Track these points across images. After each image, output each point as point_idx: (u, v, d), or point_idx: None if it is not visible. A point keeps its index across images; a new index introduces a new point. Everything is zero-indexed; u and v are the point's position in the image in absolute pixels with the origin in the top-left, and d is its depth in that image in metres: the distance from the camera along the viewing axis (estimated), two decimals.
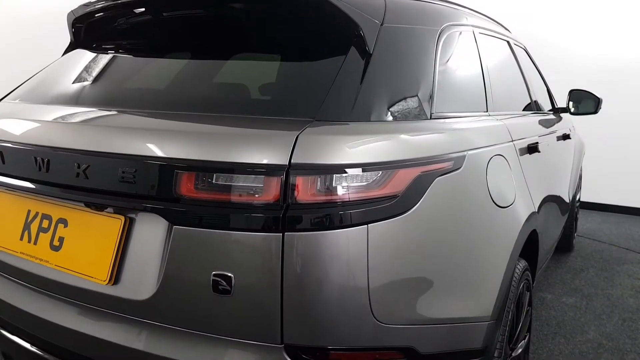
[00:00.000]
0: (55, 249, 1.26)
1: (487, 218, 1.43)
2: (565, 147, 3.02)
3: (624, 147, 5.59)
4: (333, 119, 1.15)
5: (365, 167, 1.09)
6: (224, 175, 1.05)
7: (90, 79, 1.53)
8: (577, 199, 4.12)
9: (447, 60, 1.58)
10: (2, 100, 1.61)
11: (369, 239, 1.08)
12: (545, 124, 2.62)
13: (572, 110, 3.23)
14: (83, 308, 1.22)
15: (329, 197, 1.05)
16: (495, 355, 1.46)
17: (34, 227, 1.31)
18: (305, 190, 1.03)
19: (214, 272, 1.05)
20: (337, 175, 1.05)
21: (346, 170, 1.06)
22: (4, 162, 1.32)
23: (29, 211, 1.33)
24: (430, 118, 1.38)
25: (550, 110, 3.08)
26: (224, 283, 1.05)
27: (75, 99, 1.49)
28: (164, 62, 1.53)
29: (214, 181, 1.05)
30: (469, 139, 1.46)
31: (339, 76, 1.20)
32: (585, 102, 3.21)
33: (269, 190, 1.03)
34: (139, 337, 1.14)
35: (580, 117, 4.34)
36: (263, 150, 1.05)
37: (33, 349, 1.31)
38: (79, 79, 1.55)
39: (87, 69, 1.57)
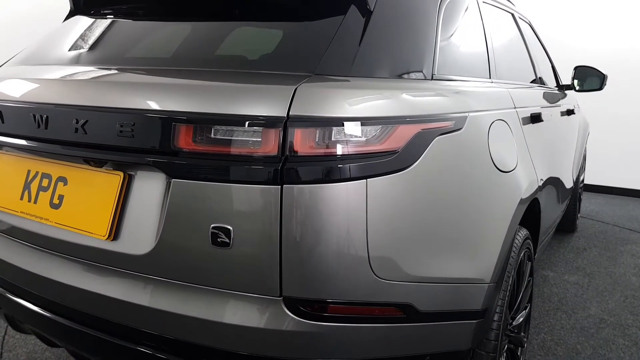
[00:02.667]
0: (55, 206, 1.26)
1: (487, 180, 1.42)
2: (569, 123, 2.99)
3: (628, 129, 5.55)
4: (332, 74, 1.14)
5: (365, 121, 1.08)
6: (222, 127, 1.04)
7: (89, 41, 1.52)
8: (581, 179, 4.10)
9: (450, 24, 1.56)
10: (2, 66, 1.61)
11: (368, 194, 1.07)
12: (550, 97, 2.60)
13: (577, 87, 3.20)
14: (83, 265, 1.22)
15: (327, 150, 1.04)
16: (495, 319, 1.46)
17: (34, 186, 1.31)
18: (304, 142, 1.03)
19: (212, 225, 1.05)
20: (335, 128, 1.05)
21: (345, 123, 1.05)
22: (3, 122, 1.32)
23: (28, 171, 1.33)
24: (432, 79, 1.37)
25: (555, 87, 3.06)
26: (223, 236, 1.05)
27: (74, 60, 1.48)
28: (162, 22, 1.51)
29: (212, 134, 1.05)
30: (470, 101, 1.45)
31: (339, 32, 1.18)
32: (590, 79, 3.18)
33: (268, 143, 1.02)
34: (139, 292, 1.15)
35: (586, 100, 4.30)
36: (261, 103, 1.04)
37: (34, 308, 1.32)
38: (78, 42, 1.54)
39: (85, 32, 1.56)
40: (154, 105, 1.10)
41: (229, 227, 1.04)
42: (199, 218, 1.06)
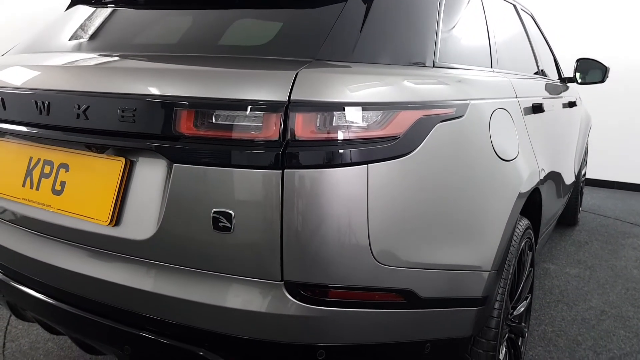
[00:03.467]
0: (57, 193, 1.26)
1: (488, 168, 1.42)
2: (571, 115, 2.99)
3: (630, 124, 5.54)
4: (333, 59, 1.14)
5: (366, 106, 1.08)
6: (223, 112, 1.04)
7: (91, 29, 1.52)
8: (582, 173, 4.10)
9: (452, 13, 1.55)
10: (5, 55, 1.61)
11: (369, 179, 1.07)
12: (552, 89, 2.60)
13: (579, 80, 3.19)
14: (85, 250, 1.23)
15: (328, 135, 1.04)
16: (496, 307, 1.47)
17: (35, 173, 1.31)
18: (305, 127, 1.03)
19: (214, 210, 1.05)
20: (336, 113, 1.05)
21: (346, 108, 1.05)
22: (5, 108, 1.32)
23: (30, 158, 1.33)
24: (433, 66, 1.37)
25: (557, 80, 3.05)
26: (224, 220, 1.05)
27: (75, 47, 1.48)
28: (162, 9, 1.51)
29: (213, 118, 1.05)
30: (472, 88, 1.45)
31: (341, 17, 1.18)
32: (592, 72, 3.17)
33: (269, 127, 1.03)
34: (141, 277, 1.15)
35: (588, 95, 4.29)
36: (263, 87, 1.04)
37: (37, 295, 1.32)
38: (79, 30, 1.54)
39: (87, 20, 1.56)
40: (155, 90, 1.10)
41: (230, 211, 1.05)
42: (200, 203, 1.07)
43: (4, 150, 1.41)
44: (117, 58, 1.31)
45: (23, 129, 1.30)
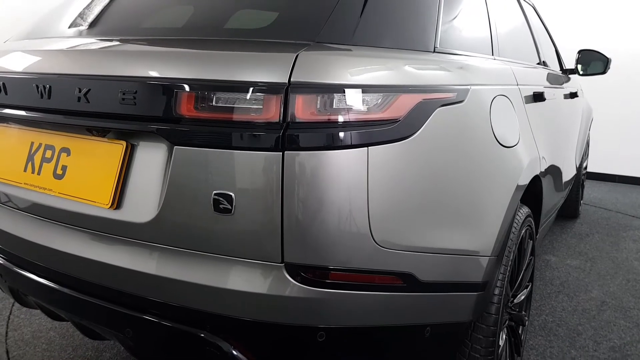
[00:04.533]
0: (59, 177, 1.27)
1: (489, 154, 1.42)
2: (572, 106, 2.98)
3: (632, 117, 5.52)
4: (334, 42, 1.14)
5: (366, 88, 1.08)
6: (223, 93, 1.04)
7: (91, 14, 1.52)
8: (584, 165, 4.09)
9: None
10: (6, 42, 1.61)
11: (369, 162, 1.07)
12: (553, 79, 2.59)
13: (581, 71, 3.19)
14: (87, 234, 1.23)
15: (328, 117, 1.04)
16: (496, 293, 1.47)
17: (37, 158, 1.32)
18: (305, 108, 1.03)
19: (214, 192, 1.06)
20: (337, 95, 1.05)
21: (346, 90, 1.05)
22: (6, 93, 1.32)
23: (32, 143, 1.34)
24: (434, 51, 1.37)
25: (558, 71, 3.04)
26: (225, 202, 1.05)
27: (76, 32, 1.48)
28: None
29: (213, 100, 1.05)
30: (473, 74, 1.44)
31: (341, 0, 1.18)
32: (593, 63, 3.17)
33: (269, 109, 1.03)
34: (142, 260, 1.16)
35: (589, 88, 4.29)
36: (263, 69, 1.04)
37: (39, 279, 1.33)
38: (79, 16, 1.54)
39: (87, 6, 1.56)
40: (155, 72, 1.11)
41: (230, 193, 1.05)
42: (200, 185, 1.07)
43: (5, 135, 1.42)
44: (117, 42, 1.31)
45: (24, 113, 1.30)
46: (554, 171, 2.28)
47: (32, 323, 2.34)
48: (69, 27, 1.51)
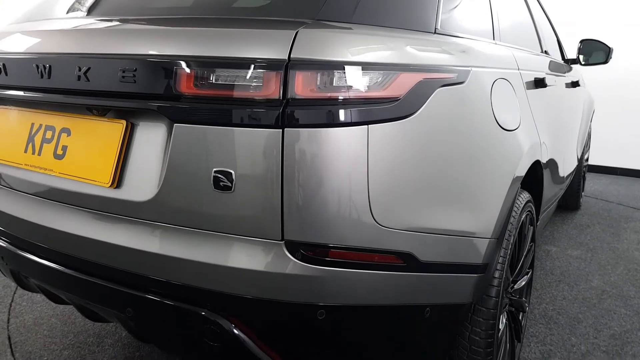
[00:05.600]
0: (59, 157, 1.27)
1: (489, 136, 1.42)
2: (574, 95, 2.98)
3: (634, 111, 5.51)
4: (334, 20, 1.14)
5: (366, 66, 1.08)
6: (223, 70, 1.04)
7: None
8: (585, 157, 4.09)
9: None
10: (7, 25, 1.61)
11: (369, 140, 1.07)
12: (555, 67, 2.58)
13: (583, 61, 3.18)
14: (87, 213, 1.24)
15: (329, 94, 1.04)
16: (496, 276, 1.47)
17: (37, 138, 1.32)
18: (305, 85, 1.03)
19: (214, 169, 1.06)
20: (337, 72, 1.05)
21: (346, 67, 1.05)
22: (7, 74, 1.32)
23: (32, 124, 1.34)
24: (435, 32, 1.36)
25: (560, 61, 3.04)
26: (225, 179, 1.05)
27: (76, 12, 1.48)
28: None
29: (213, 77, 1.05)
30: (474, 56, 1.44)
31: None
32: (595, 53, 3.16)
33: (269, 86, 1.03)
34: (144, 238, 1.16)
35: (592, 82, 4.27)
36: (263, 45, 1.04)
37: (40, 260, 1.33)
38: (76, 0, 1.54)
39: None
40: (155, 50, 1.11)
41: (230, 170, 1.05)
42: (201, 162, 1.07)
43: (6, 117, 1.42)
44: (117, 21, 1.31)
45: (25, 94, 1.30)
46: (555, 158, 2.27)
47: (34, 310, 2.35)
48: (69, 9, 1.51)
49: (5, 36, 1.40)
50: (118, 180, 1.18)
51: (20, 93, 1.31)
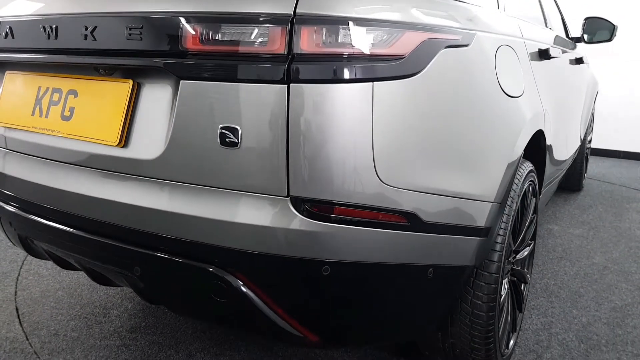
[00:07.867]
0: (66, 118, 1.28)
1: (493, 101, 1.43)
2: (578, 71, 2.97)
3: (638, 94, 5.49)
4: None
5: (372, 23, 1.08)
6: (228, 26, 1.05)
7: None
8: (588, 139, 4.09)
9: None
10: None
11: (374, 97, 1.08)
12: (560, 42, 2.57)
13: (587, 40, 3.17)
14: (95, 173, 1.25)
15: (334, 50, 1.05)
16: (499, 241, 1.48)
17: (44, 101, 1.33)
18: (311, 41, 1.03)
19: (221, 125, 1.07)
20: (342, 28, 1.05)
21: (352, 23, 1.05)
22: (13, 37, 1.33)
23: (39, 87, 1.35)
24: None
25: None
26: (231, 135, 1.06)
27: None
28: None
29: (218, 32, 1.05)
30: (478, 20, 1.44)
31: None
32: (600, 32, 3.15)
33: (274, 41, 1.03)
34: (152, 196, 1.17)
35: (595, 64, 4.24)
36: (268, 0, 1.04)
37: (49, 223, 1.35)
38: None
39: None
40: (160, 7, 1.11)
41: (236, 126, 1.06)
42: (207, 119, 1.08)
43: (13, 82, 1.43)
44: None
45: (32, 56, 1.31)
46: (557, 130, 2.28)
47: (41, 284, 2.38)
48: None
49: (12, 0, 1.41)
50: (125, 139, 1.19)
51: (28, 56, 1.32)
